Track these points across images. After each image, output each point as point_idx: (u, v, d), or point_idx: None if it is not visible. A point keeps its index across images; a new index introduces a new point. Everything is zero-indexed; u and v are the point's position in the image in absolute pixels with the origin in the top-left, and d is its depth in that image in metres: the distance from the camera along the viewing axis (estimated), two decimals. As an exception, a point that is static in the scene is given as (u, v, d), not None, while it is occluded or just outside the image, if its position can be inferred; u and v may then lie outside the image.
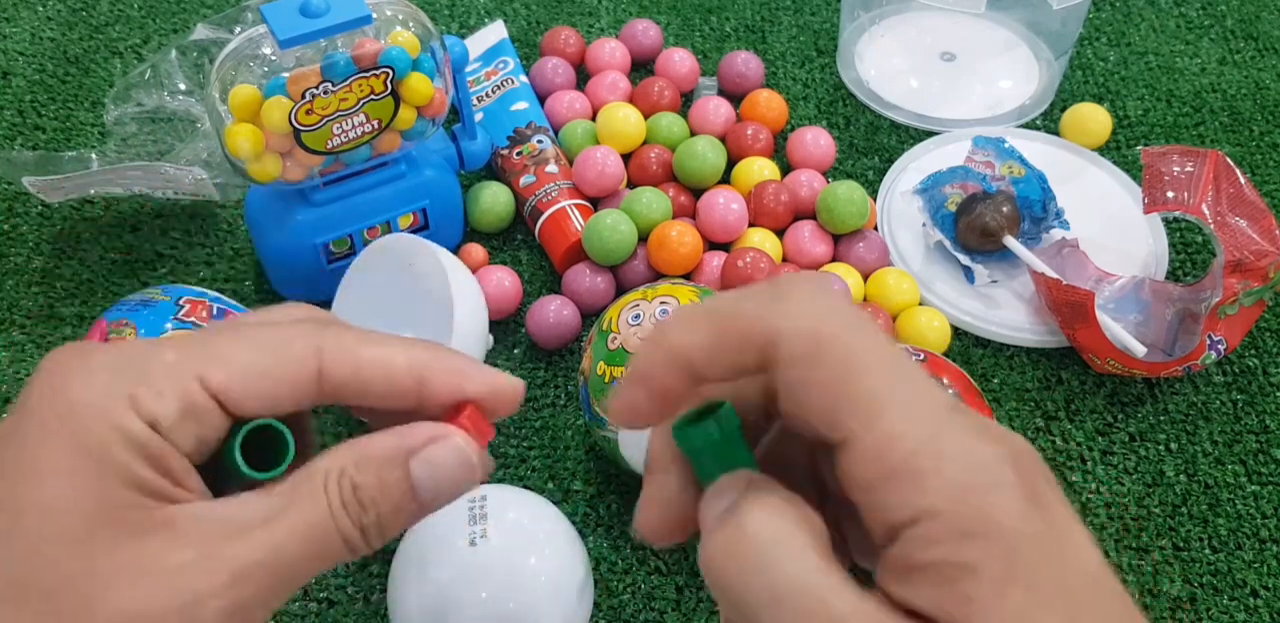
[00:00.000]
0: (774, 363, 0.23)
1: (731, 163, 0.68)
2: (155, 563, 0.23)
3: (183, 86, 0.68)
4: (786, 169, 0.69)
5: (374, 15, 0.52)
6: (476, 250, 0.64)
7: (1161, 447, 0.58)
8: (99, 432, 0.23)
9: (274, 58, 0.52)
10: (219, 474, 0.26)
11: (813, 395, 0.22)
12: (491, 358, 0.61)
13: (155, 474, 0.24)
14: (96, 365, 0.24)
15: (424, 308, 0.59)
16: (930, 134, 0.72)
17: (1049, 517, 0.21)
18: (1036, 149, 0.69)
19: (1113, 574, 0.22)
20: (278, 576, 0.24)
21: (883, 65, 0.76)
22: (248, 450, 0.25)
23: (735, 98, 0.73)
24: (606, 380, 0.50)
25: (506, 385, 0.27)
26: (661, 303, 0.52)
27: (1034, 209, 0.63)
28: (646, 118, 0.70)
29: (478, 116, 0.70)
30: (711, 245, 0.64)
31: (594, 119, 0.70)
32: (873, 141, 0.72)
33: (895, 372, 0.22)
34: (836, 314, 0.23)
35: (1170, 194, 0.58)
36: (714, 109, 0.70)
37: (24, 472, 0.23)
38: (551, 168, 0.66)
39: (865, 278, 0.63)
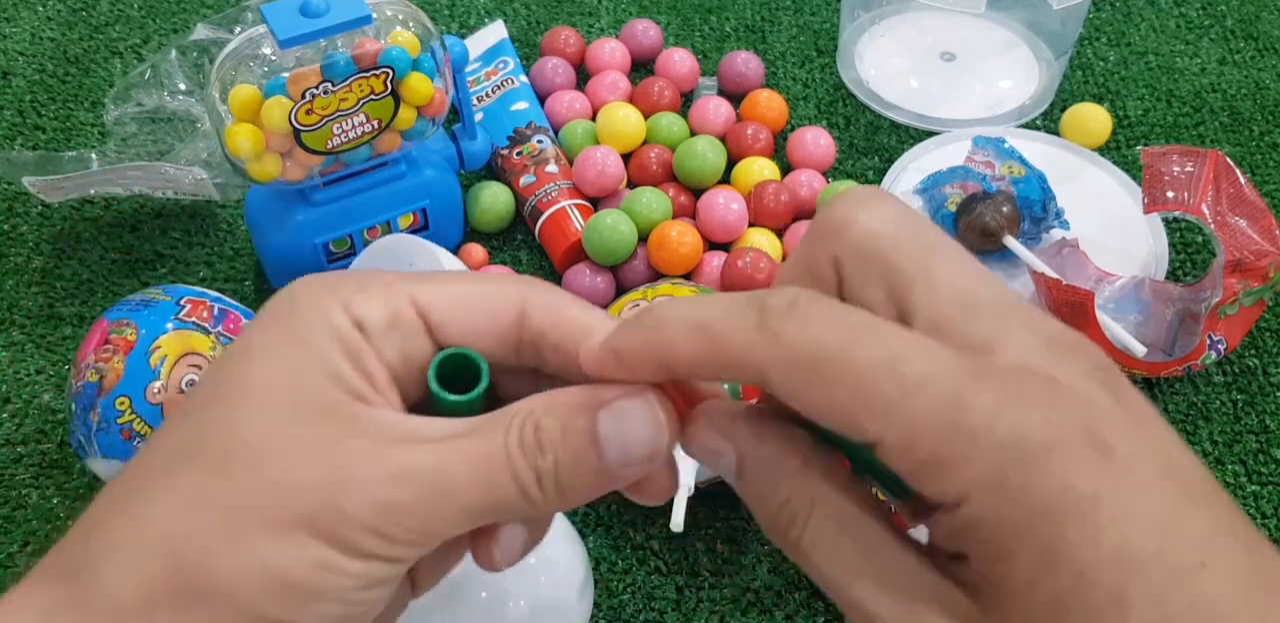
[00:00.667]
0: (774, 391, 0.23)
1: (731, 163, 0.68)
2: (324, 444, 0.23)
3: (183, 86, 0.68)
4: (786, 169, 0.69)
5: (374, 15, 0.52)
6: (476, 250, 0.64)
7: (1161, 447, 0.58)
8: (309, 322, 0.25)
9: (274, 58, 0.52)
10: (421, 411, 0.26)
11: (826, 414, 0.22)
12: (491, 358, 0.61)
13: (354, 372, 0.24)
14: (327, 276, 0.26)
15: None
16: (930, 134, 0.72)
17: (1105, 471, 0.20)
18: (1036, 149, 0.69)
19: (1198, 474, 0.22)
20: (436, 492, 0.23)
21: (883, 65, 0.76)
22: (446, 381, 0.26)
23: (735, 98, 0.73)
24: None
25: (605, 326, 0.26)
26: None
27: (1034, 209, 0.63)
28: (646, 118, 0.70)
29: (478, 116, 0.70)
30: (711, 245, 0.64)
31: (594, 119, 0.70)
32: (873, 142, 0.72)
33: (901, 363, 0.21)
34: (830, 330, 0.22)
35: (1170, 194, 0.58)
36: (714, 109, 0.70)
37: (238, 353, 0.25)
38: (551, 168, 0.66)
39: (865, 278, 0.63)
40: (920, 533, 0.24)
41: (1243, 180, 0.59)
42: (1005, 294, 0.23)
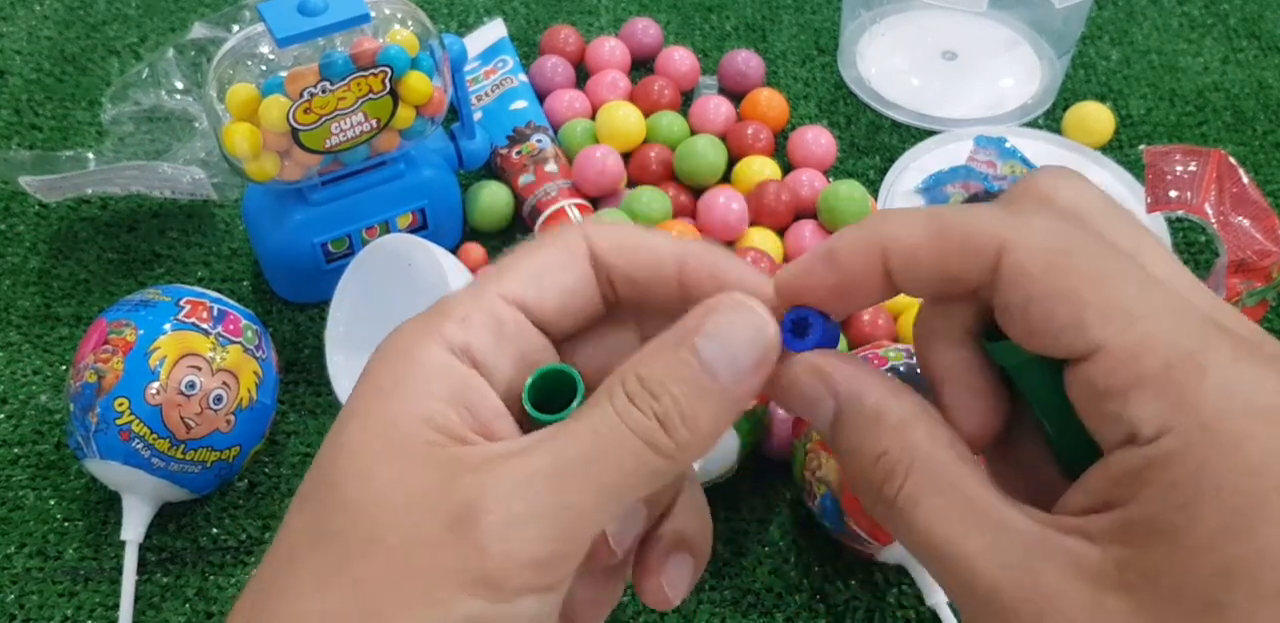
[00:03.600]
0: (1002, 277, 0.21)
1: (732, 162, 0.68)
2: (433, 494, 0.22)
3: (180, 86, 0.68)
4: (787, 168, 0.69)
5: (372, 13, 0.52)
6: (476, 250, 0.64)
7: (1164, 448, 0.58)
8: (401, 372, 0.24)
9: (272, 56, 0.52)
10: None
11: (1055, 308, 0.20)
12: (491, 358, 0.61)
13: (452, 411, 0.23)
14: (428, 313, 0.25)
15: (423, 308, 0.58)
16: (932, 133, 0.72)
17: None
18: (1039, 148, 0.69)
19: None
20: (562, 483, 0.22)
21: (884, 64, 0.76)
22: (546, 397, 0.25)
23: (736, 97, 0.73)
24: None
25: (763, 282, 0.25)
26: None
27: (1036, 209, 0.63)
28: (646, 117, 0.69)
29: (477, 116, 0.70)
30: (712, 245, 0.64)
31: (594, 118, 0.70)
32: (874, 141, 0.72)
33: (1151, 284, 0.20)
34: (1079, 233, 0.21)
35: (1173, 194, 0.58)
36: (714, 108, 0.70)
37: (341, 419, 0.24)
38: (551, 167, 0.66)
39: (866, 278, 0.63)
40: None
41: (1246, 180, 0.59)
42: (1204, 286, 0.22)
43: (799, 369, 0.24)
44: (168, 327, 0.51)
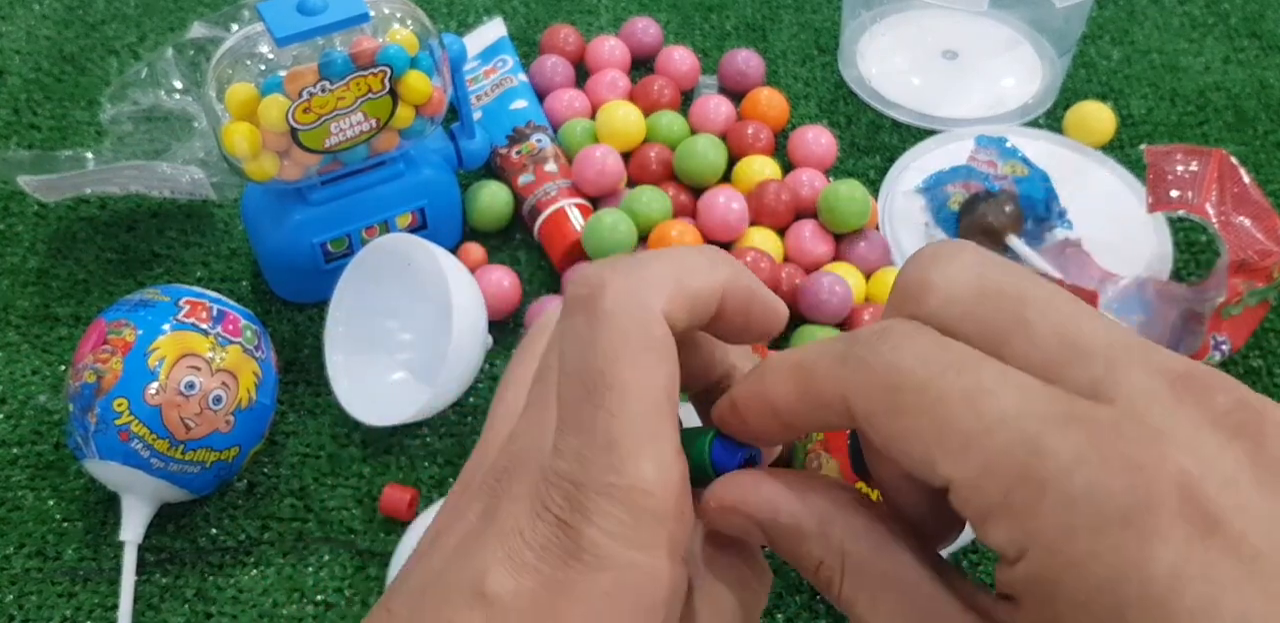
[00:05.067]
0: (856, 423, 0.21)
1: (732, 162, 0.68)
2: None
3: (179, 85, 0.67)
4: (787, 168, 0.69)
5: (371, 13, 0.52)
6: (475, 250, 0.64)
7: (1165, 448, 0.57)
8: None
9: (271, 56, 0.52)
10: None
11: (904, 449, 0.20)
12: (491, 358, 0.61)
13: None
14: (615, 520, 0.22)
15: (422, 308, 0.58)
16: (932, 133, 0.72)
17: (1196, 551, 0.17)
18: (1040, 148, 0.69)
19: None
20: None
21: (884, 64, 0.76)
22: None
23: (736, 96, 0.73)
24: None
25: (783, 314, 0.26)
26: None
27: (1037, 209, 0.63)
28: (646, 116, 0.69)
29: (476, 115, 0.70)
30: (712, 245, 0.64)
31: (594, 117, 0.70)
32: (874, 140, 0.72)
33: (983, 397, 0.20)
34: (914, 358, 0.21)
35: (1174, 193, 0.58)
36: (714, 108, 0.70)
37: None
38: (551, 167, 0.66)
39: (866, 277, 0.62)
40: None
41: (1247, 180, 0.59)
42: (1118, 332, 0.20)
43: (712, 511, 0.24)
44: (167, 327, 0.51)
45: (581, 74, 0.75)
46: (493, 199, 0.65)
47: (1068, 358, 0.20)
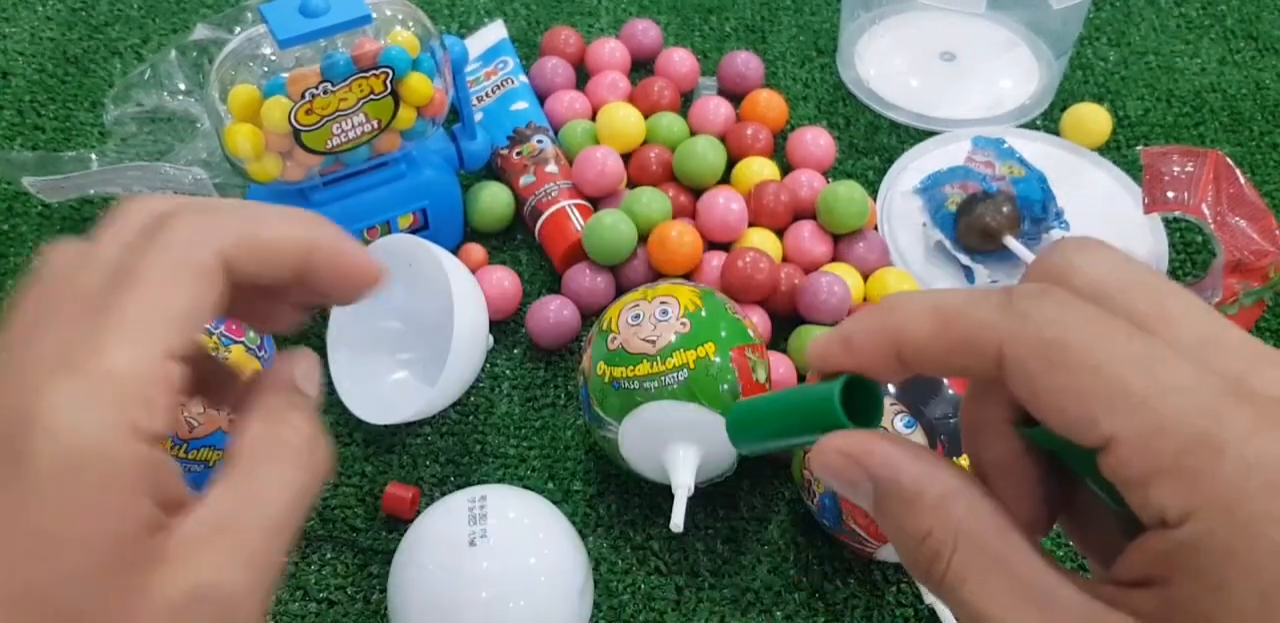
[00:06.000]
0: (1007, 374, 0.21)
1: (731, 163, 0.68)
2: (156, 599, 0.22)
3: (182, 86, 0.68)
4: (786, 169, 0.69)
5: (373, 15, 0.52)
6: (476, 250, 0.64)
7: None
8: (105, 484, 0.22)
9: (274, 58, 0.52)
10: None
11: (1061, 403, 0.20)
12: (492, 358, 0.61)
13: (156, 510, 0.22)
14: (75, 395, 0.22)
15: (424, 308, 0.59)
16: (930, 134, 0.72)
17: None
18: (1036, 149, 0.69)
19: None
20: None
21: (883, 65, 0.76)
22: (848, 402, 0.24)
23: (735, 97, 0.73)
24: (606, 381, 0.50)
25: (374, 272, 0.27)
26: (661, 303, 0.52)
27: (1034, 209, 0.63)
28: (646, 118, 0.70)
29: (477, 116, 0.70)
30: (711, 245, 0.64)
31: (594, 119, 0.70)
32: (873, 141, 0.72)
33: (1159, 361, 0.20)
34: (1082, 319, 0.21)
35: (1170, 194, 0.58)
36: (714, 109, 0.70)
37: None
38: (551, 168, 0.66)
39: (865, 278, 0.63)
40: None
41: (1243, 180, 0.59)
42: (1249, 337, 0.21)
43: (830, 455, 0.24)
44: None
45: (582, 76, 0.75)
46: (494, 200, 0.65)
47: (1210, 350, 0.21)
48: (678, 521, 0.47)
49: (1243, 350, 0.21)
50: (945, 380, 0.50)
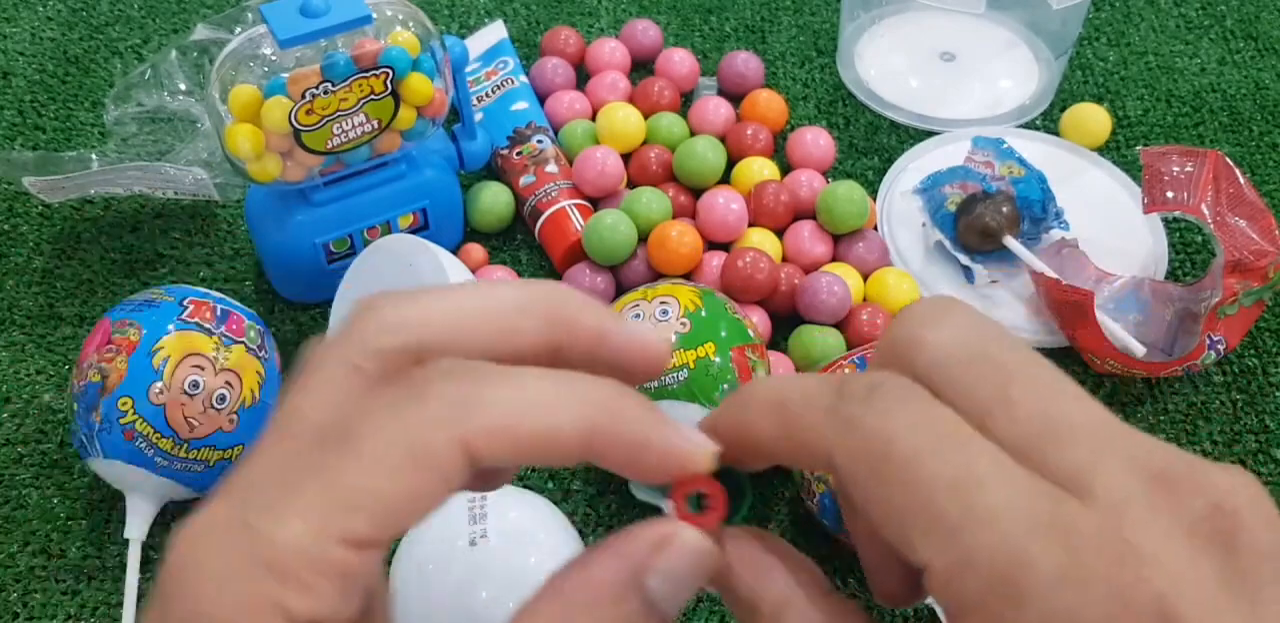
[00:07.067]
0: (839, 480, 0.21)
1: (731, 163, 0.68)
2: None
3: (183, 87, 0.68)
4: (786, 169, 0.69)
5: (374, 15, 0.52)
6: (476, 250, 0.64)
7: (1161, 447, 0.58)
8: None
9: (274, 58, 0.52)
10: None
11: (883, 517, 0.20)
12: (491, 358, 0.61)
13: None
14: (224, 570, 0.20)
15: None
16: (930, 134, 0.72)
17: None
18: (1036, 149, 0.69)
19: None
20: None
21: (882, 65, 0.76)
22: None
23: (735, 98, 0.73)
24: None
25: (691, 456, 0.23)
26: (661, 303, 0.52)
27: (1034, 209, 0.63)
28: (646, 118, 0.70)
29: (478, 116, 0.70)
30: (711, 245, 0.64)
31: (594, 119, 0.70)
32: (872, 141, 0.72)
33: (974, 488, 0.19)
34: (906, 426, 0.20)
35: (1170, 194, 0.58)
36: (714, 109, 0.70)
37: None
38: (551, 168, 0.66)
39: (865, 278, 0.63)
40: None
41: (1242, 180, 0.59)
42: (1101, 415, 0.20)
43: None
44: (171, 327, 0.51)
45: (582, 76, 0.75)
46: (494, 200, 0.65)
47: (1049, 441, 0.20)
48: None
49: (1090, 438, 0.20)
50: None
